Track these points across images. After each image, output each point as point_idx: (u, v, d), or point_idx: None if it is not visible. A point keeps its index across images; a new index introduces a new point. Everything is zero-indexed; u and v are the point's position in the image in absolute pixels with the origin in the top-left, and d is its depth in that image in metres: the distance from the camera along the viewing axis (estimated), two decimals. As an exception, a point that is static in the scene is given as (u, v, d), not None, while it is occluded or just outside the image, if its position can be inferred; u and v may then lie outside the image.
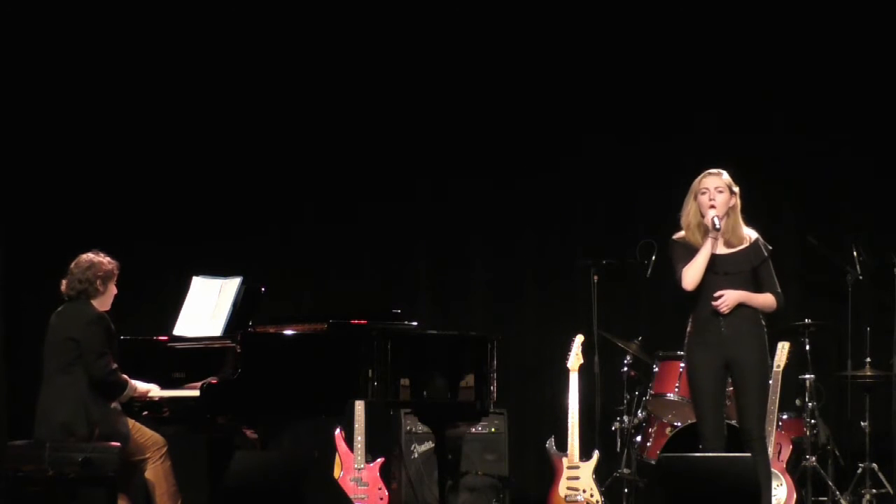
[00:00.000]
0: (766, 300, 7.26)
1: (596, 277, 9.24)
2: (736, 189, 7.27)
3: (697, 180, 7.30)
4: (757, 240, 7.32)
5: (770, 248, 7.34)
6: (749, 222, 7.38)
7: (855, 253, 9.23)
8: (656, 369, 9.07)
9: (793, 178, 9.89)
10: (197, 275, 7.54)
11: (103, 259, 7.23)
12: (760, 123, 9.92)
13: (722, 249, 7.27)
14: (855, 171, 9.90)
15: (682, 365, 8.94)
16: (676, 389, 8.92)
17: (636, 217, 9.97)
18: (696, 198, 7.28)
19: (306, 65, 9.98)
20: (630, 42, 10.02)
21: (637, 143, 10.01)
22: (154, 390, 7.21)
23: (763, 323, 7.30)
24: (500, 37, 10.04)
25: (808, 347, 9.02)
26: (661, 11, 9.97)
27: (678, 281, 7.28)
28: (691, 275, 7.24)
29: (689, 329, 7.35)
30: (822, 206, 9.92)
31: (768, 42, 9.93)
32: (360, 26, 9.99)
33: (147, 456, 7.16)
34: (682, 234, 7.35)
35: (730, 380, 7.31)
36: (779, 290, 7.29)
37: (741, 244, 7.29)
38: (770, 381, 7.76)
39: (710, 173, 7.29)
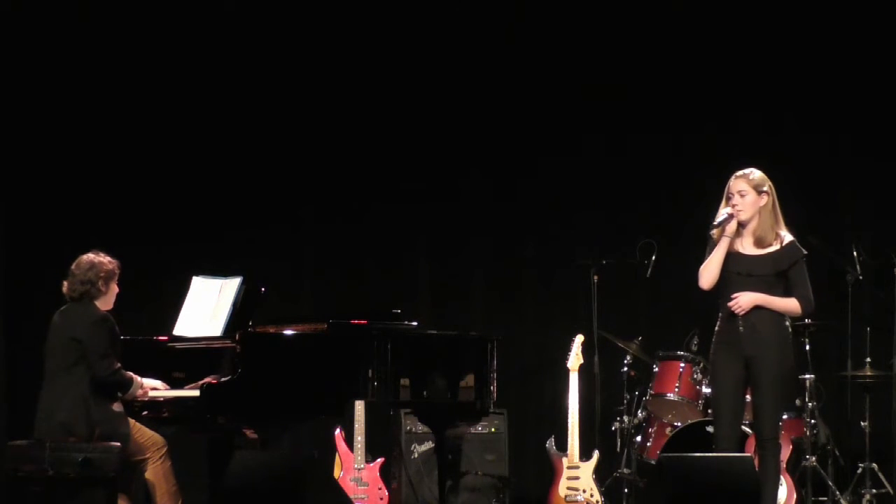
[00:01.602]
0: (787, 305, 7.15)
1: (596, 277, 9.24)
2: (766, 188, 7.17)
3: (728, 182, 7.22)
4: (791, 243, 7.19)
5: (805, 252, 7.21)
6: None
7: (855, 253, 9.23)
8: (656, 369, 9.07)
9: (793, 178, 9.88)
10: (197, 275, 7.54)
11: (104, 259, 7.22)
12: (761, 123, 9.92)
13: (750, 250, 7.19)
14: (856, 171, 9.90)
15: (682, 365, 8.97)
16: (676, 389, 8.92)
17: (636, 217, 9.96)
18: (726, 201, 7.21)
19: (309, 62, 9.98)
20: (630, 41, 10.03)
21: (638, 143, 10.01)
22: (160, 388, 7.21)
23: (787, 324, 7.20)
24: (500, 36, 10.04)
25: (808, 347, 9.01)
26: (663, 10, 9.97)
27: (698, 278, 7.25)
28: (706, 274, 7.19)
29: (716, 328, 7.31)
30: (823, 206, 9.92)
31: (770, 41, 9.93)
32: (362, 28, 9.98)
33: (147, 456, 7.16)
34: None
35: None
36: (808, 295, 7.14)
37: (772, 246, 7.19)
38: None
39: (736, 175, 7.20)
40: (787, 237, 7.22)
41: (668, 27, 9.98)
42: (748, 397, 7.32)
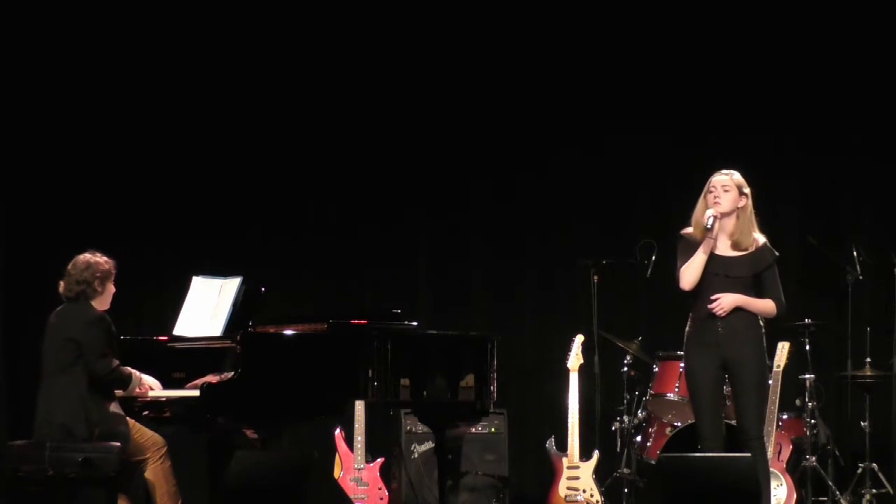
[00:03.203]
0: (764, 306, 7.21)
1: (596, 277, 9.24)
2: (747, 191, 7.23)
3: (709, 179, 7.28)
4: (764, 245, 7.26)
5: (777, 254, 7.28)
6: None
7: (855, 253, 9.23)
8: (656, 369, 9.07)
9: (793, 178, 9.90)
10: (197, 275, 7.54)
11: (100, 259, 7.21)
12: (761, 124, 9.92)
13: (727, 252, 7.24)
14: (855, 172, 9.90)
15: (682, 365, 8.96)
16: (676, 389, 8.92)
17: (636, 217, 9.96)
18: (705, 196, 7.26)
19: (309, 63, 9.98)
20: (632, 42, 10.03)
21: (637, 144, 10.01)
22: (156, 388, 7.21)
23: (761, 324, 7.26)
24: (501, 36, 10.05)
25: (808, 347, 9.02)
26: (665, 12, 9.97)
27: (677, 279, 7.28)
28: (688, 275, 7.23)
29: (687, 329, 7.34)
30: (822, 206, 9.93)
31: (770, 42, 9.93)
32: (363, 30, 9.99)
33: (147, 456, 7.15)
34: (690, 229, 7.33)
35: (727, 379, 7.31)
36: (781, 297, 7.22)
37: (749, 248, 7.23)
38: (769, 382, 7.75)
39: (720, 172, 7.27)
40: (761, 239, 7.30)
41: (668, 28, 9.98)
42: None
